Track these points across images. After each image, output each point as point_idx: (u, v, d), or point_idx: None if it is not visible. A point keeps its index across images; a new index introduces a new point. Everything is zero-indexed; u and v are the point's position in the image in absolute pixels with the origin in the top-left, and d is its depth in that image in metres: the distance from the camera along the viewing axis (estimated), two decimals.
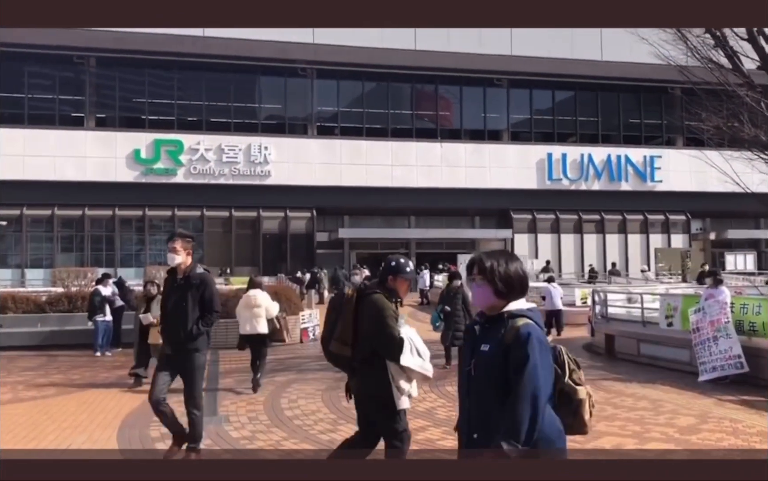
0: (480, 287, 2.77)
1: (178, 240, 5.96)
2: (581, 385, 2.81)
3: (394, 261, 4.72)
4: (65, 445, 6.69)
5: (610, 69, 33.50)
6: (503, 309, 2.72)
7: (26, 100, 30.23)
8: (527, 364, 2.55)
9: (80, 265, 28.65)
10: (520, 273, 2.77)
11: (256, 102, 33.29)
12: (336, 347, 4.70)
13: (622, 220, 35.63)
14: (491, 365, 2.65)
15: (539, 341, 2.61)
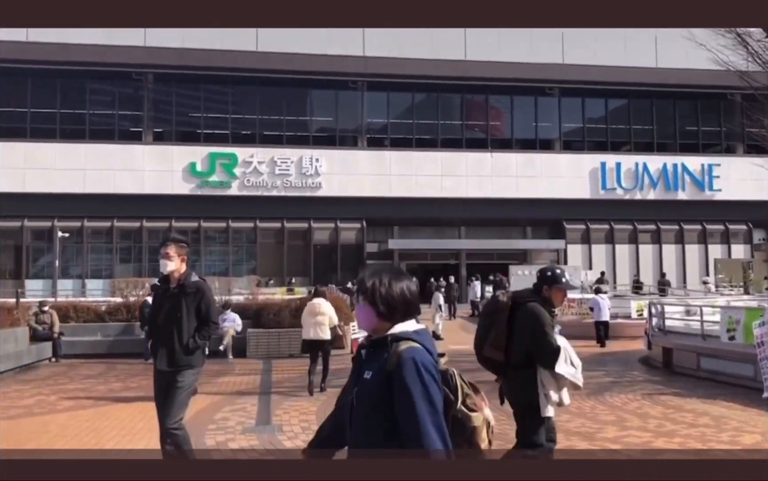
0: (362, 308, 2.54)
1: (172, 245, 5.50)
2: (476, 411, 2.55)
3: (550, 271, 4.79)
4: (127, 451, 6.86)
5: (666, 76, 32.74)
6: (387, 332, 2.48)
7: (87, 116, 31.34)
8: (410, 392, 2.31)
9: (138, 275, 29.46)
10: (406, 293, 2.53)
11: (308, 115, 33.76)
12: (489, 351, 4.85)
13: (679, 231, 34.65)
14: (373, 394, 2.40)
15: (423, 366, 2.35)
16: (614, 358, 14.22)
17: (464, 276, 31.81)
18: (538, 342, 4.54)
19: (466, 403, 2.54)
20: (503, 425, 7.90)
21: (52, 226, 29.26)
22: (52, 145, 30.05)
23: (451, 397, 2.49)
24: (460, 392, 2.53)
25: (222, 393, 10.31)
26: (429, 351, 2.44)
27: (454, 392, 2.51)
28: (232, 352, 14.55)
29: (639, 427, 7.81)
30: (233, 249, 32.02)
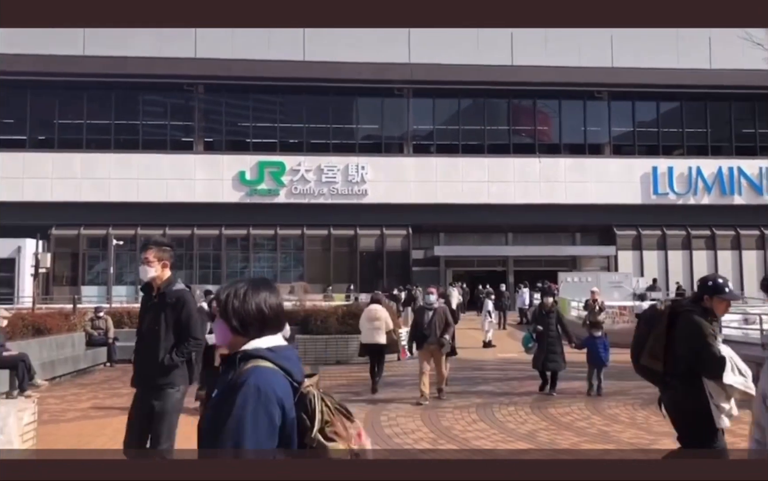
0: (218, 323, 2.36)
1: (152, 249, 4.92)
2: (336, 440, 2.26)
3: (711, 281, 4.67)
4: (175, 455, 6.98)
5: (720, 77, 31.82)
6: (241, 348, 2.28)
7: (140, 127, 32.22)
8: (230, 416, 2.12)
9: (189, 282, 30.04)
10: (263, 307, 2.31)
11: (354, 123, 33.97)
12: (647, 360, 4.83)
13: (736, 236, 33.56)
14: (215, 415, 2.22)
15: (258, 388, 2.14)
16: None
17: (512, 283, 31.46)
18: (702, 353, 4.44)
19: (324, 431, 2.27)
20: (552, 434, 7.77)
21: (107, 234, 30.15)
22: (107, 156, 31.01)
23: (307, 423, 2.25)
24: (317, 418, 2.26)
25: None
26: (286, 370, 2.25)
27: (311, 417, 2.26)
28: None
29: None
30: (281, 256, 32.40)
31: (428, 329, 9.95)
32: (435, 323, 9.95)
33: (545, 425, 8.37)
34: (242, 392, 2.13)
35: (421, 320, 10.17)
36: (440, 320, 10.03)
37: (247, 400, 2.13)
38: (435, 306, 10.17)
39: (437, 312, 10.09)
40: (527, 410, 9.24)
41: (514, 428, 8.20)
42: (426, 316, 10.11)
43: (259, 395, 2.14)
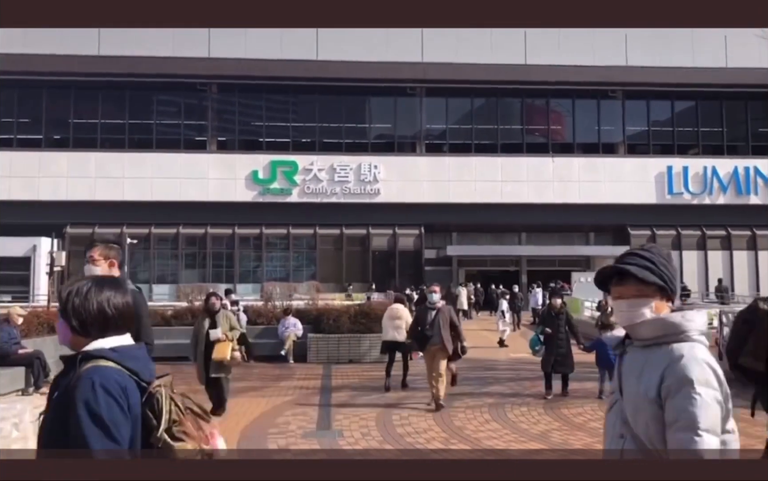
0: (59, 322, 2.25)
1: (97, 247, 4.73)
2: (185, 439, 2.19)
3: None
4: None
5: (736, 76, 31.50)
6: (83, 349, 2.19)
7: (154, 127, 32.39)
8: (77, 413, 2.05)
9: (202, 281, 30.24)
10: (105, 307, 2.20)
11: (367, 122, 33.95)
12: (748, 361, 4.75)
13: (752, 236, 33.23)
14: (54, 419, 2.15)
15: (102, 386, 2.06)
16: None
17: (525, 283, 31.34)
18: None
19: (171, 430, 2.20)
20: (565, 435, 7.72)
21: (122, 232, 30.34)
22: (121, 155, 31.21)
23: (153, 422, 2.19)
24: (164, 417, 2.19)
25: (284, 397, 10.44)
26: (131, 370, 2.18)
27: (158, 417, 2.19)
28: (293, 357, 14.73)
29: None
30: (294, 255, 32.47)
31: (430, 330, 9.56)
32: (438, 323, 9.55)
33: (558, 426, 8.32)
34: (84, 388, 2.06)
35: (423, 320, 9.79)
36: (444, 320, 9.61)
37: (92, 395, 2.05)
38: (438, 305, 9.78)
39: (441, 312, 9.69)
40: (540, 411, 9.20)
41: (527, 429, 8.16)
42: (429, 316, 9.72)
43: (106, 392, 2.07)
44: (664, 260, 2.26)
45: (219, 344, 8.85)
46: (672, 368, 2.07)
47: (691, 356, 2.08)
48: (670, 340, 2.14)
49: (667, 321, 2.16)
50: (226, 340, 8.89)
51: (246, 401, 10.13)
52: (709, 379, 2.06)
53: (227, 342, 8.88)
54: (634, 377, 2.20)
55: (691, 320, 2.15)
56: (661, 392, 2.07)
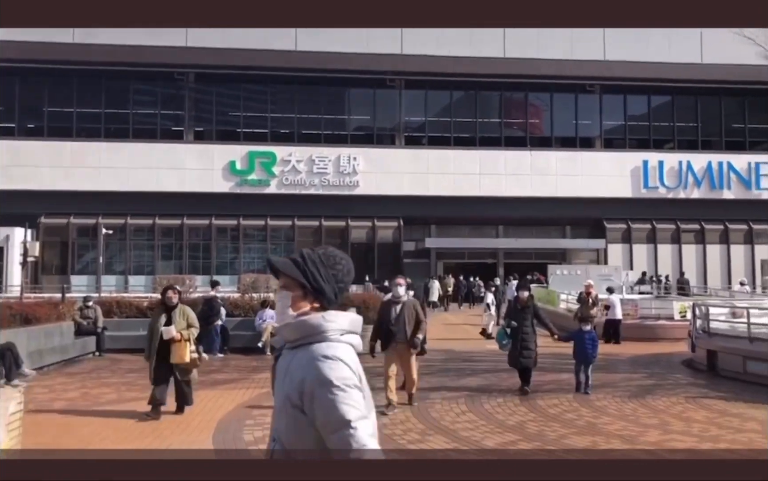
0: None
1: None
2: None
3: None
4: (165, 445, 6.98)
5: (712, 72, 31.91)
6: None
7: (131, 116, 32.00)
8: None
9: (179, 271, 30.04)
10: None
11: (346, 114, 33.87)
12: None
13: (724, 230, 33.77)
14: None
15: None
16: (656, 360, 13.91)
17: (502, 275, 31.54)
18: None
19: None
20: (540, 426, 7.80)
21: (97, 223, 29.99)
22: (97, 144, 30.80)
23: None
24: None
25: (261, 389, 10.41)
26: None
27: None
28: (270, 348, 14.69)
29: (682, 431, 7.63)
30: (271, 247, 32.32)
31: (396, 325, 8.70)
32: (404, 318, 8.70)
33: (533, 417, 8.40)
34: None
35: (387, 315, 8.86)
36: (410, 314, 8.75)
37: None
38: (404, 299, 8.88)
39: (406, 306, 8.82)
40: (516, 402, 9.28)
41: (503, 420, 8.23)
42: (393, 310, 8.82)
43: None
44: (320, 260, 2.17)
45: (175, 346, 8.25)
46: (311, 371, 2.00)
47: (327, 356, 2.00)
48: (312, 340, 2.06)
49: (307, 323, 2.08)
50: (182, 340, 8.29)
51: (222, 392, 10.08)
52: (345, 374, 1.98)
53: (183, 343, 8.29)
54: (280, 379, 2.12)
55: (332, 321, 2.08)
56: (303, 396, 1.99)
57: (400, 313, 8.76)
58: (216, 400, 9.47)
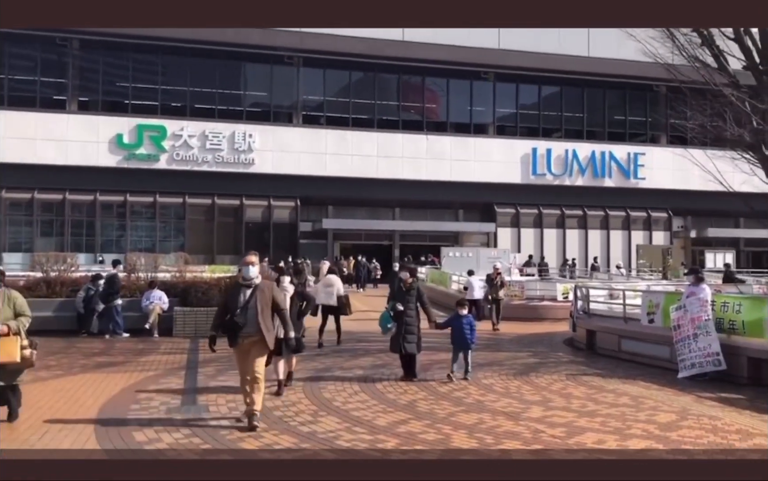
0: None
1: None
2: None
3: None
4: (41, 433, 6.55)
5: (597, 65, 33.61)
6: None
7: (5, 82, 29.70)
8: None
9: (60, 249, 28.25)
10: None
11: (241, 89, 32.99)
12: None
13: (605, 217, 35.84)
14: None
15: None
16: (540, 339, 14.58)
17: (397, 257, 31.98)
18: None
19: None
20: (431, 404, 7.98)
21: None
22: None
23: None
24: None
25: (147, 372, 10.02)
26: None
27: None
28: (157, 330, 14.18)
29: (563, 407, 8.02)
30: (160, 225, 31.15)
31: (242, 315, 6.73)
32: (255, 306, 6.77)
33: (424, 396, 8.57)
34: None
35: (232, 302, 6.88)
36: (263, 301, 6.84)
37: None
38: (256, 282, 6.90)
39: (259, 290, 6.87)
40: (407, 381, 9.43)
41: (395, 399, 8.34)
42: (241, 296, 6.86)
43: None
44: None
45: (2, 342, 6.62)
46: None
47: None
48: None
49: None
50: (9, 333, 6.69)
51: (105, 376, 9.62)
52: None
53: (12, 338, 6.69)
54: None
55: None
56: None
57: (250, 299, 6.80)
58: (98, 384, 9.03)
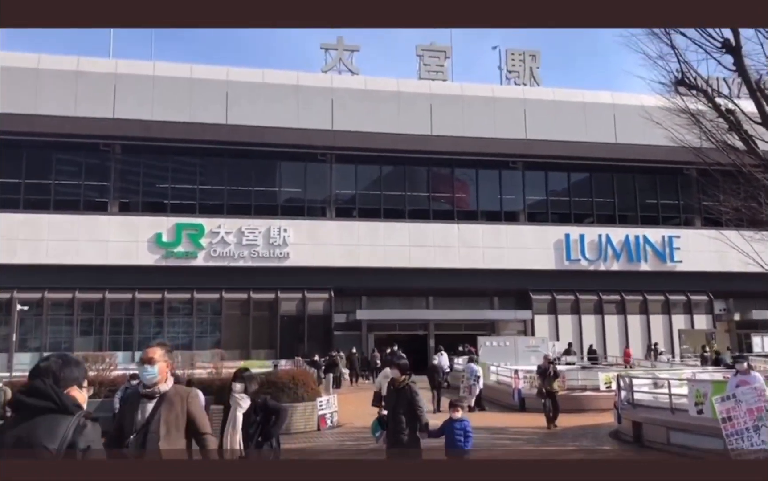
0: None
1: None
2: None
3: None
4: None
5: (625, 151, 33.83)
6: None
7: (52, 187, 30.92)
8: None
9: (99, 348, 28.67)
10: None
11: (276, 186, 33.82)
12: None
13: (643, 301, 35.22)
14: None
15: None
16: (584, 432, 14.15)
17: (432, 347, 31.67)
18: None
19: None
20: None
21: (11, 297, 28.48)
22: (14, 216, 29.49)
23: None
24: None
25: None
26: None
27: None
28: None
29: None
30: (197, 320, 31.49)
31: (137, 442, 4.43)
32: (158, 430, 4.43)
33: None
34: None
35: (128, 422, 4.57)
36: (171, 420, 4.49)
37: None
38: (162, 388, 4.61)
39: (166, 404, 4.55)
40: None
41: None
42: (138, 413, 4.55)
43: None
44: None
45: None
46: None
47: None
48: None
49: None
50: None
51: None
52: None
53: None
54: None
55: None
56: None
57: (151, 417, 4.50)
58: None
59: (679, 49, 13.36)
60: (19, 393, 2.99)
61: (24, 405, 2.97)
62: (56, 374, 3.11)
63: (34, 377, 3.08)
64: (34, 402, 2.98)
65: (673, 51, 13.38)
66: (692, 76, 13.80)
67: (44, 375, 3.09)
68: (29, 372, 3.19)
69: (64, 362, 3.22)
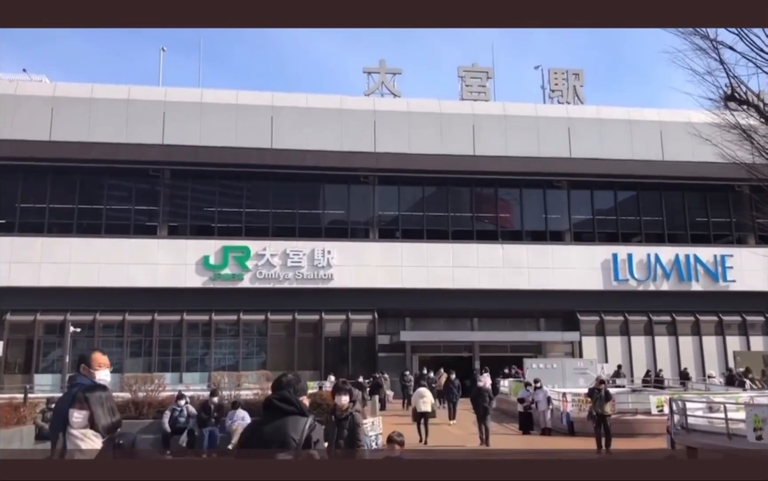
0: None
1: None
2: None
3: None
4: None
5: (674, 168, 33.09)
6: None
7: (104, 211, 31.84)
8: None
9: (147, 369, 29.25)
10: None
11: (320, 208, 34.13)
12: None
13: (695, 322, 34.18)
14: None
15: None
16: (637, 457, 13.74)
17: (478, 369, 31.33)
18: None
19: None
20: None
21: (65, 320, 29.35)
22: (68, 240, 30.47)
23: None
24: None
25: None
26: None
27: None
28: None
29: None
30: (243, 342, 31.85)
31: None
32: None
33: None
34: None
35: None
36: None
37: None
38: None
39: None
40: None
41: None
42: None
43: None
44: None
45: None
46: None
47: None
48: None
49: None
50: None
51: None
52: None
53: None
54: None
55: None
56: None
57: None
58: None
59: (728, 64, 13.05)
60: (272, 399, 4.03)
61: (276, 408, 3.99)
62: (295, 387, 4.12)
63: (280, 388, 4.09)
64: (284, 406, 4.00)
65: (722, 66, 13.07)
66: (743, 90, 13.44)
67: (288, 387, 4.10)
68: (273, 383, 4.21)
69: (297, 379, 4.25)
